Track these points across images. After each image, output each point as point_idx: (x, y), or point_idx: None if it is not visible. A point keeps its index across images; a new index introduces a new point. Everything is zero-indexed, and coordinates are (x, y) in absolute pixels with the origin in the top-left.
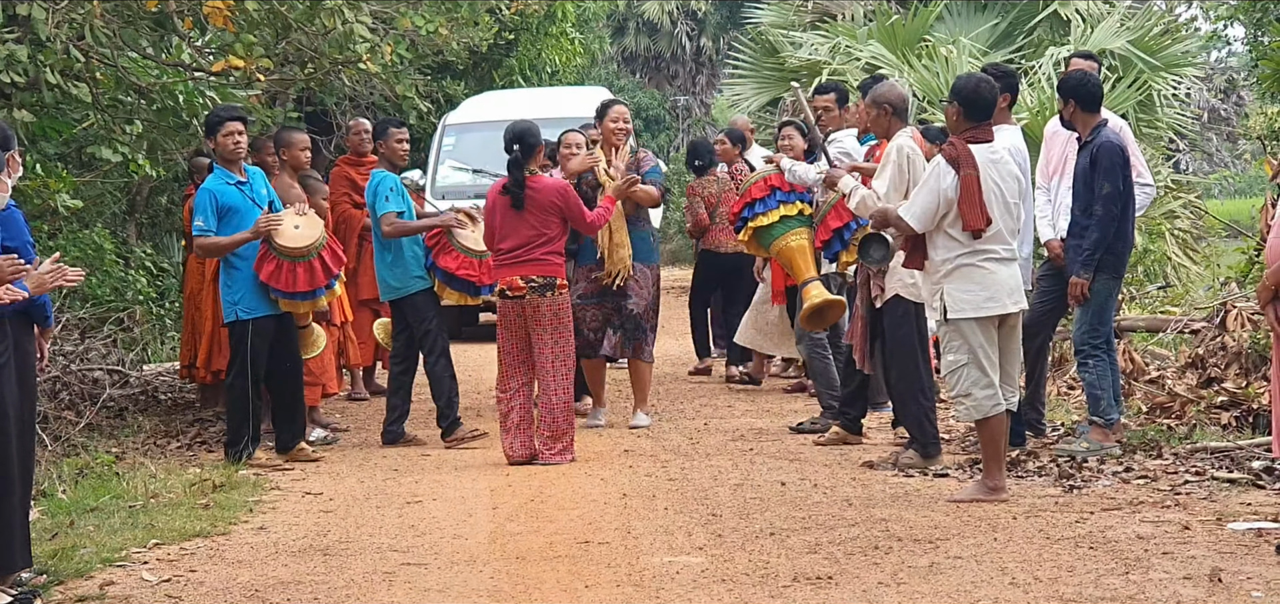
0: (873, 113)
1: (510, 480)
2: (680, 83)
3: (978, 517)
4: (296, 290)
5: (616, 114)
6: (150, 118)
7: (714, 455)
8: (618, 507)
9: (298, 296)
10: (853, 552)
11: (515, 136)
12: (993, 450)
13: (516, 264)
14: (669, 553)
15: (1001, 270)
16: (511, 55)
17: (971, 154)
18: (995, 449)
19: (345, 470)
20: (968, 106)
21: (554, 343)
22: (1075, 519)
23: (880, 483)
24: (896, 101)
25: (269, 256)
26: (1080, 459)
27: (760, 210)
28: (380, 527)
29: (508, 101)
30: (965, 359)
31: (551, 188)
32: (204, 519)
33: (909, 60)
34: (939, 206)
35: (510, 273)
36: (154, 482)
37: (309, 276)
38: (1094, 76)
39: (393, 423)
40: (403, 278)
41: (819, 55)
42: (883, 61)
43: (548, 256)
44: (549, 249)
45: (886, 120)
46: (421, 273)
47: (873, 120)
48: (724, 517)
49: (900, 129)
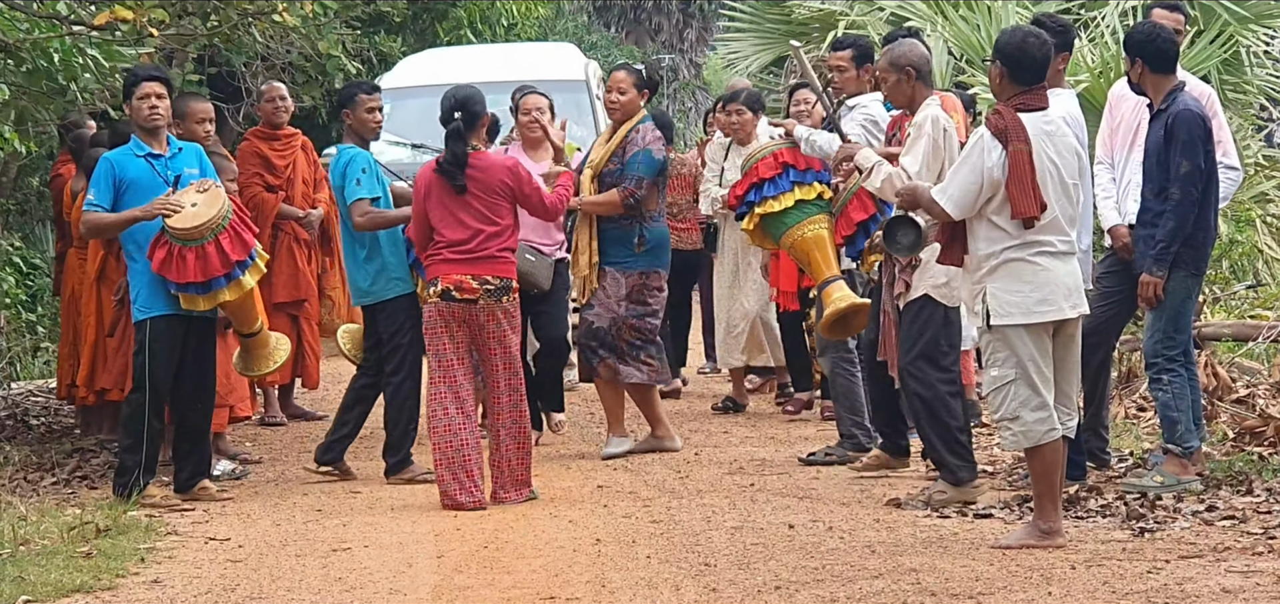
0: (891, 78)
1: (458, 523)
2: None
3: (1028, 566)
4: (187, 280)
5: (529, 105)
6: (19, 81)
7: (707, 492)
8: (590, 555)
9: (191, 289)
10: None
11: (456, 103)
12: (1046, 485)
13: (465, 261)
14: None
15: (1057, 267)
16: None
17: (1022, 125)
18: (1049, 483)
19: (257, 511)
20: (1013, 67)
21: (505, 358)
22: (1147, 569)
23: (909, 525)
24: (919, 63)
25: (161, 242)
26: (1153, 496)
27: (770, 193)
28: (300, 580)
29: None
30: (1013, 374)
31: (500, 166)
32: (85, 570)
33: (944, 10)
34: (982, 188)
35: (456, 271)
36: (24, 525)
37: (201, 264)
38: (1166, 30)
39: (336, 440)
40: (377, 280)
41: (834, 5)
42: (911, 11)
43: (502, 253)
44: (503, 243)
45: (908, 86)
46: (402, 274)
47: (891, 87)
48: (719, 567)
49: (927, 96)
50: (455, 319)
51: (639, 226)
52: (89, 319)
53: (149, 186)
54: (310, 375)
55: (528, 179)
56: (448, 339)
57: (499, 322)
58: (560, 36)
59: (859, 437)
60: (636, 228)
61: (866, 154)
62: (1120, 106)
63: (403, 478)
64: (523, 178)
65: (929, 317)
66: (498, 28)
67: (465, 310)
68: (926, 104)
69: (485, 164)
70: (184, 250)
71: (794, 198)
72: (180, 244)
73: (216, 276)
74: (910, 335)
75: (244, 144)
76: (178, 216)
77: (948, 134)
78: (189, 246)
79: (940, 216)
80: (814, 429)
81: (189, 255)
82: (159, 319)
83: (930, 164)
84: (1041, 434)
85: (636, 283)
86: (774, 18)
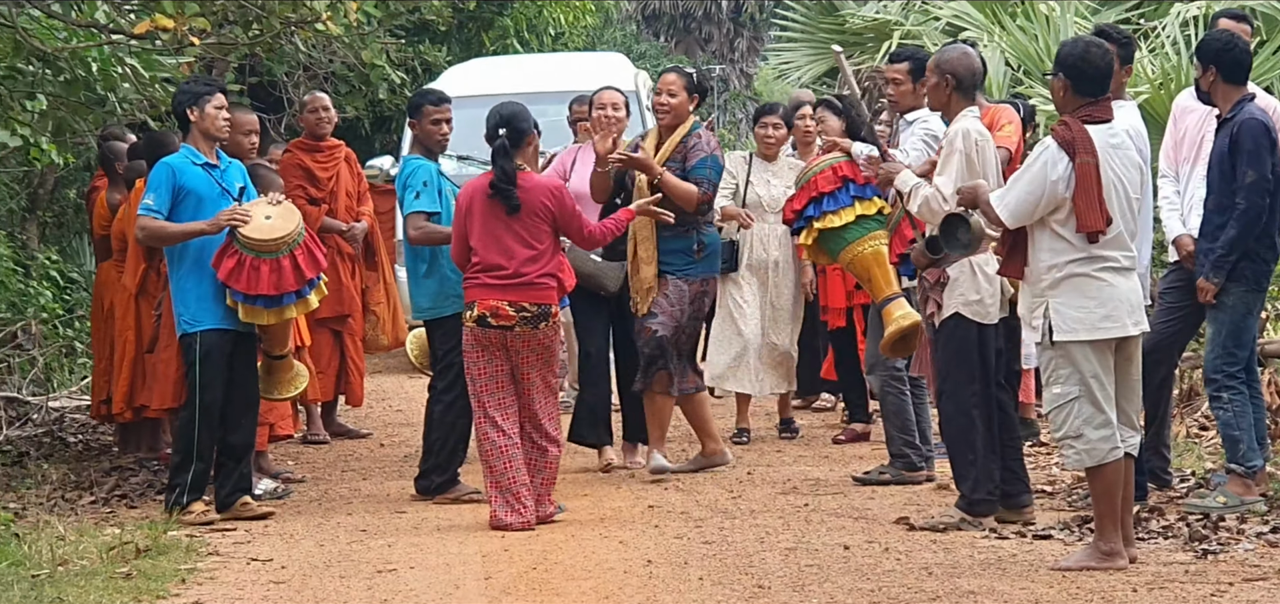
0: (932, 80)
1: (506, 544)
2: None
3: (1089, 589)
4: (258, 293)
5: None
6: (57, 92)
7: (760, 512)
8: (640, 576)
9: (259, 302)
10: None
11: (501, 120)
12: (1108, 505)
13: (502, 288)
14: None
15: (1121, 283)
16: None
17: (1089, 137)
18: (1111, 504)
19: (300, 531)
20: (1077, 79)
21: (543, 383)
22: (1210, 592)
23: (967, 547)
24: (962, 72)
25: (231, 251)
26: (1216, 517)
27: (829, 208)
28: (344, 601)
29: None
30: (1076, 391)
31: (542, 188)
32: (125, 592)
33: (1001, 19)
34: (1043, 200)
35: (493, 297)
36: (62, 545)
37: (275, 277)
38: (1242, 41)
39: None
40: (437, 296)
41: (889, 14)
42: (968, 21)
43: (543, 279)
44: (543, 269)
45: (945, 94)
46: (460, 292)
47: (931, 91)
48: (773, 589)
49: (963, 107)
50: (492, 344)
51: (696, 233)
52: (128, 335)
53: (208, 196)
54: (354, 392)
55: (571, 203)
56: (484, 363)
57: (537, 347)
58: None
59: (910, 456)
60: (694, 235)
61: (906, 176)
62: (1184, 119)
63: (447, 497)
64: (565, 202)
65: (962, 336)
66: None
67: (501, 336)
68: (960, 116)
69: (529, 185)
70: (258, 262)
71: (854, 213)
72: (254, 255)
73: (288, 291)
74: (943, 355)
75: (286, 156)
76: (253, 227)
77: (980, 147)
78: (264, 259)
79: (994, 221)
80: (868, 449)
81: (263, 267)
82: (209, 333)
83: (966, 180)
84: (1105, 452)
85: (697, 290)
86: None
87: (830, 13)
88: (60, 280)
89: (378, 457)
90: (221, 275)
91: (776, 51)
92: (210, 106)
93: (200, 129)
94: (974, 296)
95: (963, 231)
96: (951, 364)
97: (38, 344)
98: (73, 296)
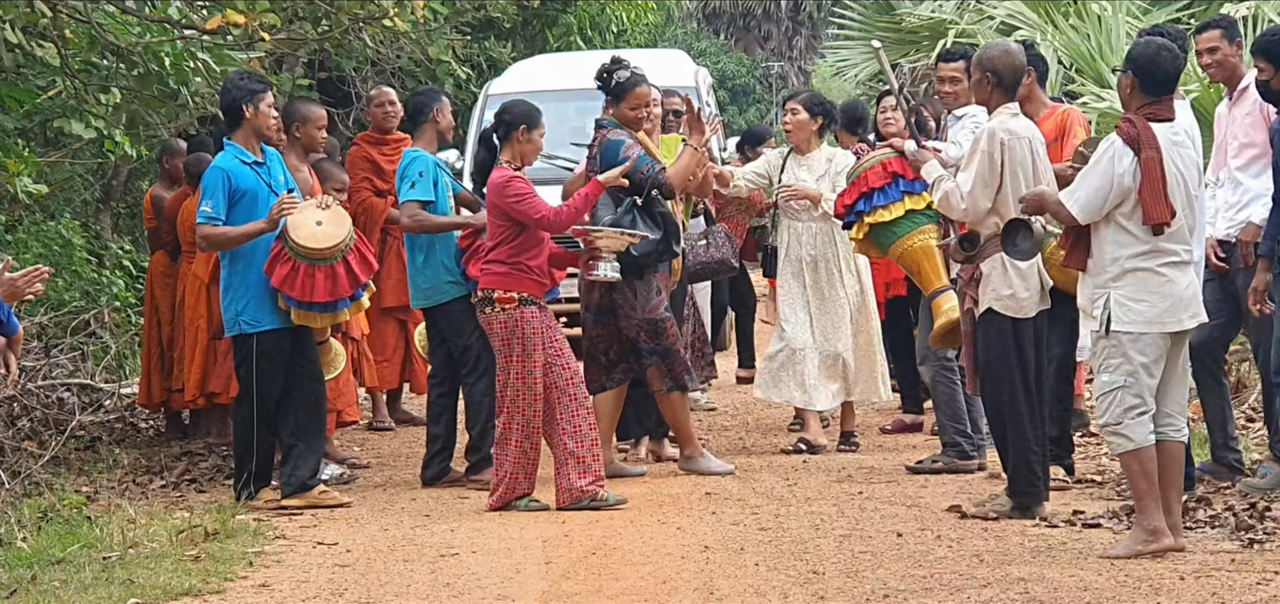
0: (975, 75)
1: (566, 529)
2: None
3: (1137, 576)
4: (314, 300)
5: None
6: (130, 85)
7: (815, 500)
8: (698, 562)
9: (315, 308)
10: None
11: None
12: (1146, 485)
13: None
14: None
15: (1181, 278)
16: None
17: (1153, 133)
18: (1149, 484)
19: (365, 516)
20: (1145, 78)
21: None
22: (1256, 580)
23: (1017, 534)
24: (1003, 69)
25: (284, 257)
26: (1262, 506)
27: (880, 203)
28: (408, 585)
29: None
30: (1121, 381)
31: (492, 183)
32: (194, 574)
33: (1054, 18)
34: (1112, 194)
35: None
36: (133, 528)
37: (330, 284)
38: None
39: (435, 457)
40: (435, 280)
41: (944, 12)
42: (1021, 20)
43: (489, 267)
44: (491, 256)
45: (986, 90)
46: (456, 277)
47: (973, 86)
48: (827, 575)
49: (1004, 104)
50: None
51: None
52: (199, 323)
53: (258, 194)
54: (418, 380)
55: (512, 194)
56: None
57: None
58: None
59: (963, 445)
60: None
61: (932, 166)
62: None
63: (481, 479)
64: (507, 194)
65: (998, 331)
66: (608, 34)
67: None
68: (998, 112)
69: (490, 180)
70: (312, 270)
71: (904, 207)
72: (309, 263)
73: (343, 297)
74: (982, 349)
75: (353, 149)
76: (306, 235)
77: (1006, 147)
78: (319, 266)
79: (1067, 220)
80: (921, 439)
81: (318, 274)
82: (267, 334)
83: (986, 180)
84: (1141, 438)
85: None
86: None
87: (886, 11)
88: (133, 270)
89: None
90: (275, 282)
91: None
92: (264, 104)
93: (253, 127)
94: (1006, 292)
95: (1023, 238)
96: (990, 359)
97: (110, 332)
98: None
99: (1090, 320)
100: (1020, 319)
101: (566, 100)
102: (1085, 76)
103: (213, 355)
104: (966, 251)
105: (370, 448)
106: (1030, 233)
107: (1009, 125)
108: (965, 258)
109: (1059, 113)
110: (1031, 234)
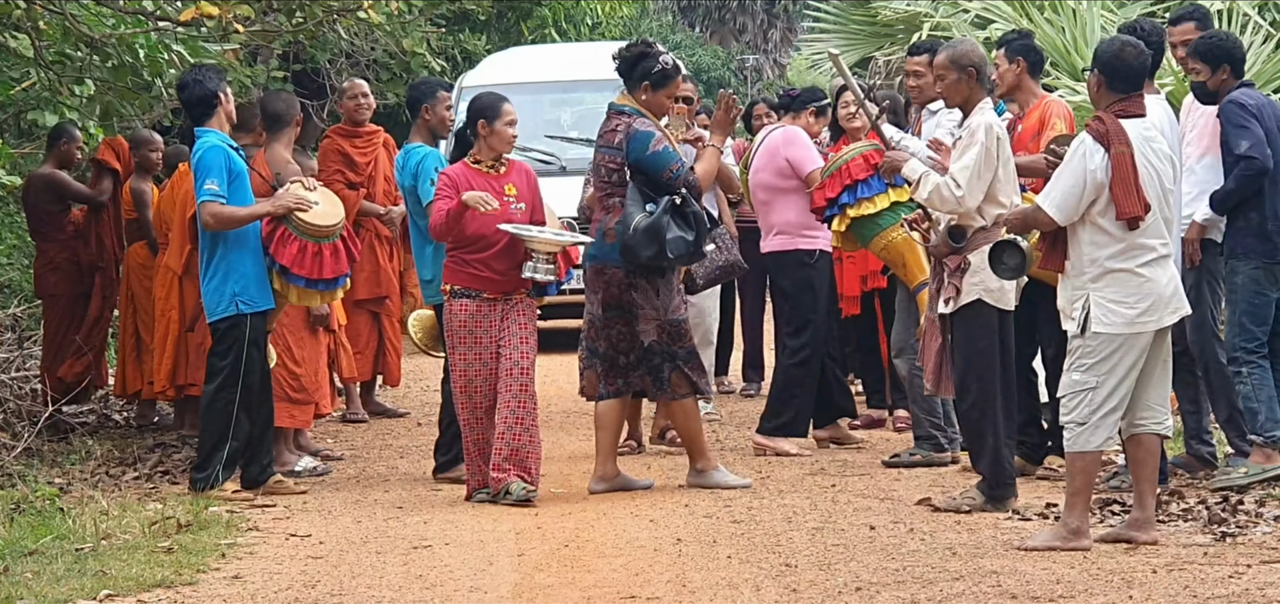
0: (950, 76)
1: (539, 521)
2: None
3: (1109, 569)
4: (321, 277)
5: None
6: (104, 77)
7: (788, 493)
8: (670, 554)
9: (320, 285)
10: None
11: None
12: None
13: None
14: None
15: (1161, 275)
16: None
17: (1123, 129)
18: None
19: (338, 508)
20: (1111, 75)
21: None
22: (1228, 574)
23: (990, 528)
24: (980, 63)
25: (289, 238)
26: (1235, 500)
27: (864, 195)
28: (380, 577)
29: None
30: (1094, 382)
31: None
32: (166, 565)
33: (1029, 13)
34: (1085, 192)
35: None
36: (106, 520)
37: (335, 261)
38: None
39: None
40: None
41: (918, 5)
42: (996, 13)
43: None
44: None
45: (967, 87)
46: None
47: (950, 86)
48: (800, 568)
49: (982, 98)
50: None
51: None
52: (171, 314)
53: (245, 177)
54: (392, 372)
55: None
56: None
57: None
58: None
59: (938, 438)
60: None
61: (913, 165)
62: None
63: (451, 476)
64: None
65: (983, 322)
66: (582, 27)
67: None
68: (980, 108)
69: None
70: (320, 247)
71: (889, 199)
72: (315, 241)
73: (343, 273)
74: (963, 343)
75: (326, 141)
76: (313, 213)
77: (1001, 141)
78: (325, 243)
79: (1045, 224)
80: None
81: (325, 251)
82: (257, 316)
83: (981, 172)
84: (1100, 441)
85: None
86: (859, 19)
87: (862, 4)
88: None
89: (414, 435)
90: (285, 261)
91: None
92: (231, 91)
93: (226, 111)
94: (995, 284)
95: (1010, 256)
96: (973, 349)
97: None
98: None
99: (1068, 321)
100: (1004, 311)
101: (541, 93)
102: (1060, 70)
103: (184, 348)
104: (955, 244)
105: (344, 440)
106: (1017, 250)
107: (996, 119)
108: (953, 250)
109: (1041, 105)
110: (1019, 251)
